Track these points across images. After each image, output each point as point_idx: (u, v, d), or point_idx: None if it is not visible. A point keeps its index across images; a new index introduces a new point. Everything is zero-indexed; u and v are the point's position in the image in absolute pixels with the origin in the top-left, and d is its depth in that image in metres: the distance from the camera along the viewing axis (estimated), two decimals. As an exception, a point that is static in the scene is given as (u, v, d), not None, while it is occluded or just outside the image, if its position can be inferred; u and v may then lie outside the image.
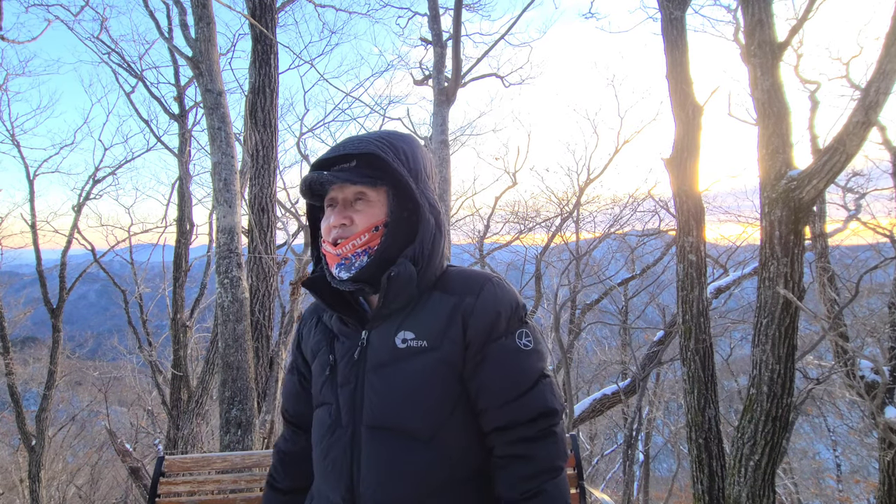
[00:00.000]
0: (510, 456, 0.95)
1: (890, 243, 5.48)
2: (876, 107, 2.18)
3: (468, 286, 0.98)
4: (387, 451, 0.93)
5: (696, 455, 3.35)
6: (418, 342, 0.95)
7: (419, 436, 0.93)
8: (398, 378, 0.94)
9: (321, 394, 1.03)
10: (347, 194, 0.98)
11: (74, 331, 19.33)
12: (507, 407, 0.95)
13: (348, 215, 0.97)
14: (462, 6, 4.77)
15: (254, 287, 4.60)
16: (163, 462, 1.99)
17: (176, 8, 4.32)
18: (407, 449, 0.93)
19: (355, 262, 0.96)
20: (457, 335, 0.95)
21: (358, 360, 0.98)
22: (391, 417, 0.93)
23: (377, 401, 0.95)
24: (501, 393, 0.95)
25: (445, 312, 0.96)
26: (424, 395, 0.93)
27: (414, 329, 0.95)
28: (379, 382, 0.95)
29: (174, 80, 9.20)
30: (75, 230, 10.46)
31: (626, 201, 10.00)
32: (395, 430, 0.93)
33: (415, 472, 0.92)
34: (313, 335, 1.10)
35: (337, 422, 0.98)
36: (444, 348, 0.94)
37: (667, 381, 11.70)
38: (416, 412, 0.93)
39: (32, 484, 8.99)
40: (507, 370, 0.96)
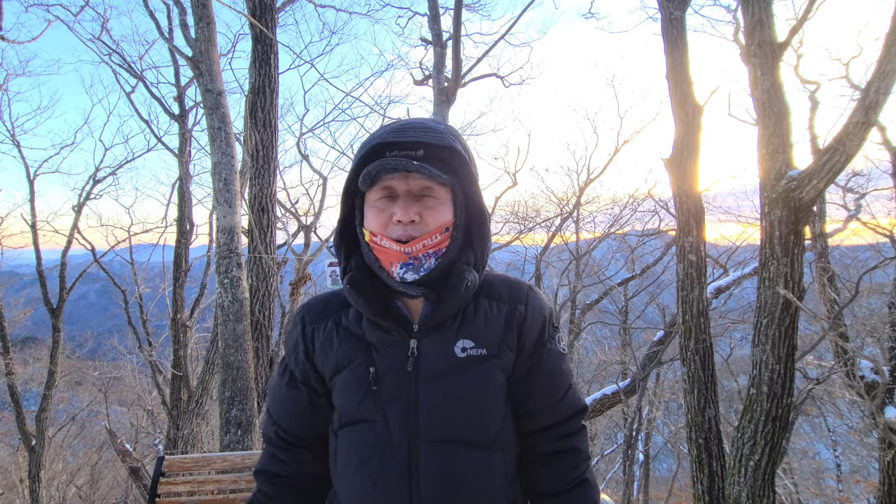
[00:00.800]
0: (555, 452, 0.99)
1: (890, 243, 5.48)
2: (876, 107, 2.18)
3: (515, 294, 0.98)
4: (449, 465, 0.89)
5: (696, 455, 3.36)
6: (478, 350, 0.92)
7: (480, 444, 0.92)
8: (459, 388, 0.91)
9: (358, 410, 0.93)
10: (413, 186, 0.88)
11: (74, 331, 19.33)
12: (555, 407, 0.99)
13: (418, 211, 0.87)
14: (462, 6, 4.77)
15: (254, 287, 4.60)
16: (163, 462, 1.99)
17: (176, 8, 4.32)
18: (469, 459, 0.91)
19: (424, 264, 0.88)
20: (512, 342, 0.95)
21: (411, 372, 0.91)
22: (453, 429, 0.90)
23: (437, 414, 0.90)
24: (550, 394, 0.99)
25: (501, 320, 0.95)
26: (487, 403, 0.93)
27: (473, 337, 0.93)
28: (438, 394, 0.90)
29: (174, 80, 9.21)
30: (75, 230, 10.47)
31: (626, 201, 10.01)
32: (457, 442, 0.90)
33: (477, 481, 0.91)
34: (336, 344, 0.96)
35: (387, 441, 0.90)
36: (503, 356, 0.94)
37: (667, 381, 11.70)
38: (478, 421, 0.92)
39: (32, 484, 8.99)
40: (554, 373, 0.99)
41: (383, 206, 0.89)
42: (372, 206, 0.90)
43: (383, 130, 0.90)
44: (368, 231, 0.90)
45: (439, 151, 0.88)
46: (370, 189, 0.89)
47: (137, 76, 8.85)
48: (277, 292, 4.97)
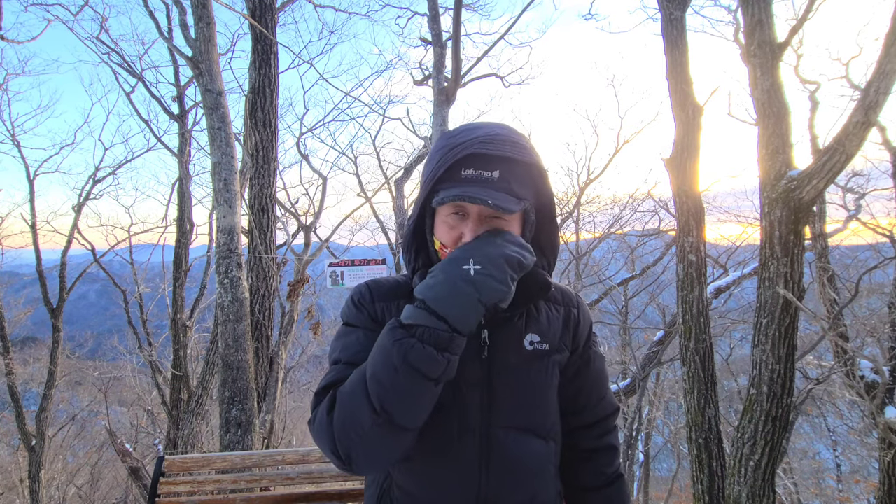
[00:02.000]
0: (597, 449, 1.09)
1: (889, 243, 5.47)
2: (876, 107, 2.18)
3: (569, 298, 1.08)
4: (517, 451, 0.95)
5: (696, 455, 3.35)
6: (543, 345, 0.99)
7: (540, 432, 0.98)
8: (527, 379, 0.97)
9: None
10: (484, 210, 0.89)
11: (74, 331, 19.32)
12: (599, 405, 1.09)
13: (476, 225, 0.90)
14: (462, 6, 4.77)
15: (254, 287, 4.60)
16: (163, 462, 1.99)
17: (176, 8, 4.32)
18: (533, 446, 0.97)
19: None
20: (568, 341, 1.04)
21: (485, 360, 0.95)
22: (522, 417, 0.96)
23: (508, 401, 0.95)
24: (595, 392, 1.08)
25: (561, 320, 1.04)
26: (548, 394, 1.00)
27: (539, 333, 1.00)
28: (509, 383, 0.95)
29: (174, 80, 9.21)
30: (75, 230, 10.46)
31: (626, 201, 10.02)
32: (524, 429, 0.96)
33: (538, 468, 0.98)
34: None
35: (463, 426, 0.93)
36: (561, 352, 1.03)
37: (667, 381, 11.70)
38: (541, 410, 0.99)
39: (32, 484, 8.99)
40: (600, 373, 1.09)
41: (454, 224, 0.91)
42: (443, 221, 0.92)
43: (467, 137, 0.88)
44: (439, 241, 0.94)
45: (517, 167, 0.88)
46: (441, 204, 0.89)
47: (137, 76, 8.85)
48: (277, 292, 4.97)
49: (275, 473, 2.04)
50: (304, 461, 2.09)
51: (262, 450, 3.94)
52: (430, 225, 0.96)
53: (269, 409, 4.61)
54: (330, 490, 2.03)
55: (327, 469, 2.09)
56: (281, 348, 4.86)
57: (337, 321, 14.60)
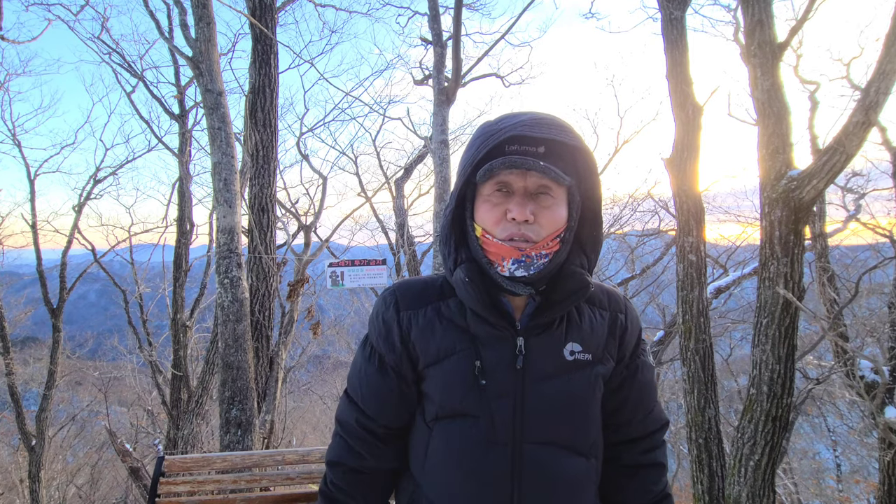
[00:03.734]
0: (642, 465, 0.99)
1: (889, 243, 5.47)
2: (876, 107, 2.17)
3: (615, 303, 0.98)
4: (553, 468, 0.89)
5: (696, 455, 3.35)
6: (585, 355, 0.91)
7: (580, 448, 0.91)
8: (566, 391, 0.90)
9: (461, 403, 0.89)
10: (530, 184, 0.84)
11: (74, 331, 19.32)
12: (646, 419, 1.00)
13: (533, 210, 0.84)
14: (462, 5, 4.77)
15: (254, 287, 4.60)
16: (163, 462, 1.99)
17: (176, 8, 4.32)
18: (569, 462, 0.90)
19: (536, 262, 0.85)
20: (613, 350, 0.95)
21: (520, 370, 0.89)
22: (558, 431, 0.90)
23: (544, 415, 0.89)
24: (642, 406, 0.99)
25: (605, 327, 0.95)
26: (590, 408, 0.92)
27: (581, 342, 0.92)
28: (546, 395, 0.89)
29: (174, 80, 9.21)
30: (76, 230, 10.46)
31: (626, 201, 10.01)
32: (560, 445, 0.90)
33: (576, 487, 0.91)
34: (437, 331, 0.92)
35: (491, 438, 0.88)
36: (605, 362, 0.94)
37: (667, 381, 11.69)
38: (581, 425, 0.92)
39: (32, 484, 8.99)
40: (647, 385, 0.99)
41: (498, 201, 0.86)
42: (486, 199, 0.87)
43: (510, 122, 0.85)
44: (481, 227, 0.87)
45: (561, 149, 0.85)
46: (485, 182, 0.86)
47: (137, 76, 8.85)
48: (277, 292, 4.98)
49: (275, 473, 2.04)
50: (304, 461, 2.09)
51: (262, 450, 3.94)
52: (470, 211, 0.90)
53: (269, 409, 4.61)
54: (330, 490, 2.02)
55: (327, 469, 2.09)
56: (281, 348, 4.87)
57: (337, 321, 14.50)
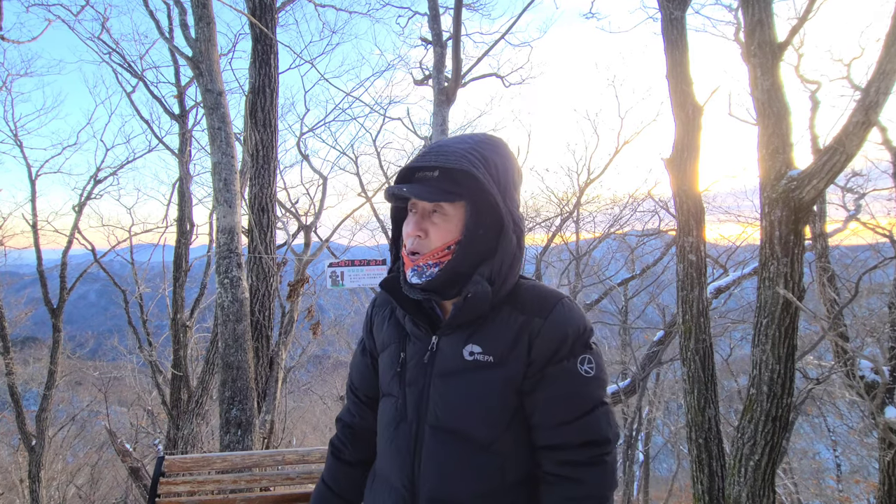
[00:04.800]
0: (557, 476, 0.98)
1: (889, 243, 5.47)
2: (876, 107, 2.17)
3: (539, 306, 0.99)
4: (446, 452, 0.99)
5: (696, 455, 3.35)
6: (485, 357, 0.98)
7: (478, 442, 0.98)
8: (463, 388, 0.99)
9: (388, 385, 1.09)
10: (426, 204, 1.01)
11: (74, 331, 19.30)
12: (561, 429, 0.97)
13: (424, 227, 1.00)
14: (462, 5, 4.77)
15: (254, 287, 4.60)
16: (163, 462, 1.99)
17: (176, 8, 4.32)
18: (465, 452, 0.98)
19: (427, 271, 0.99)
20: (521, 353, 0.97)
21: (427, 364, 1.03)
22: (453, 422, 0.99)
23: (442, 405, 1.00)
24: (556, 414, 0.98)
25: (514, 330, 0.98)
26: (487, 407, 0.98)
27: (482, 344, 0.98)
28: (444, 389, 1.00)
29: (175, 80, 9.20)
30: (76, 230, 10.46)
31: (626, 201, 10.01)
32: (457, 434, 0.98)
33: (471, 474, 0.98)
34: (385, 327, 1.14)
35: (402, 416, 1.04)
36: (509, 366, 0.97)
37: (667, 381, 11.70)
38: (477, 421, 0.98)
39: (32, 484, 8.99)
40: (565, 393, 0.97)
41: (408, 220, 1.04)
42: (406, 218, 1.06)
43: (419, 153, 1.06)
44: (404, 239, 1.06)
45: (452, 173, 0.98)
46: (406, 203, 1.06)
47: (138, 76, 8.85)
48: (277, 292, 4.97)
49: (275, 473, 2.04)
50: (304, 461, 2.09)
51: (262, 450, 3.94)
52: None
53: (269, 409, 4.61)
54: (330, 490, 2.02)
55: (327, 469, 2.08)
56: (281, 348, 4.86)
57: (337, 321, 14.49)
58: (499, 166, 0.99)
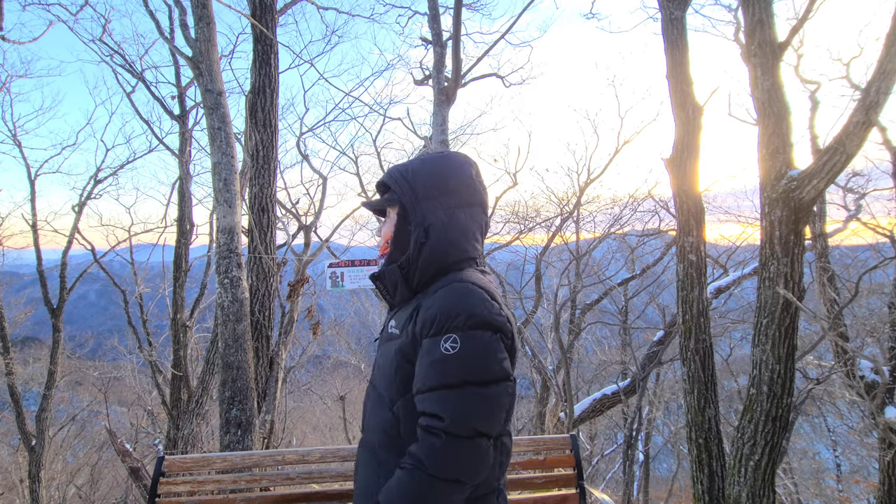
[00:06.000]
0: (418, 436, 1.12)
1: (890, 243, 5.47)
2: (876, 107, 2.17)
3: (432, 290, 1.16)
4: (372, 404, 1.25)
5: (696, 455, 3.35)
6: (395, 330, 1.21)
7: (384, 400, 1.20)
8: (382, 354, 1.25)
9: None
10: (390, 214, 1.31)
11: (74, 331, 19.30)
12: (419, 395, 1.08)
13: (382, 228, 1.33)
14: (462, 5, 4.77)
15: (254, 287, 4.60)
16: (163, 462, 1.99)
17: (176, 8, 4.32)
18: (377, 407, 1.22)
19: (380, 262, 1.30)
20: (412, 328, 1.14)
21: (380, 336, 1.31)
22: (376, 382, 1.25)
23: (375, 368, 1.28)
24: (419, 381, 1.09)
25: (409, 310, 1.19)
26: (390, 371, 1.18)
27: (396, 319, 1.23)
28: (377, 355, 1.29)
29: (175, 81, 9.20)
30: (76, 230, 10.45)
31: (626, 201, 9.98)
32: (376, 392, 1.24)
33: (380, 423, 1.20)
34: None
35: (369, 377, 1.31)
36: (403, 338, 1.16)
37: (667, 381, 11.69)
38: (385, 382, 1.20)
39: (32, 484, 8.99)
40: (425, 365, 1.08)
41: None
42: None
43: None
44: None
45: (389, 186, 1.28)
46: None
47: (138, 76, 8.84)
48: (277, 292, 4.97)
49: (275, 473, 2.04)
50: (304, 461, 2.09)
51: (262, 450, 3.94)
52: None
53: (269, 409, 4.61)
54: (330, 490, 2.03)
55: (327, 469, 2.09)
56: (281, 348, 4.86)
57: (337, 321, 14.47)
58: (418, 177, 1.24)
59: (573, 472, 2.11)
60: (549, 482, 2.13)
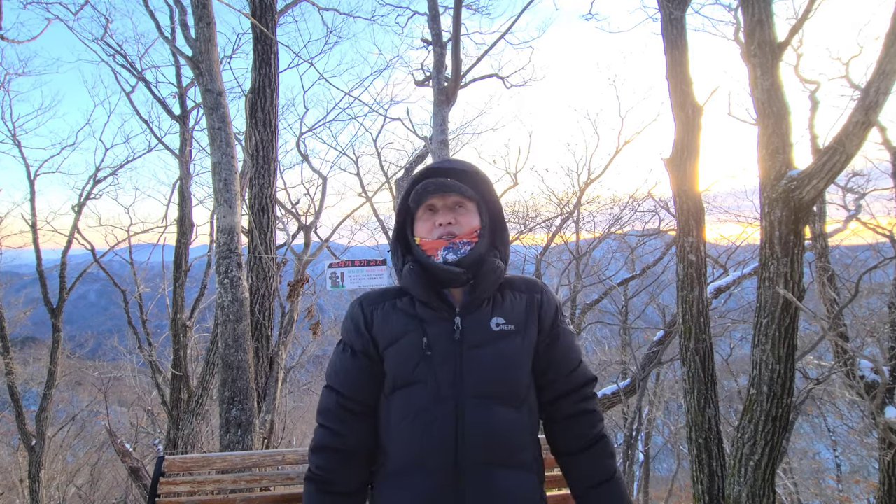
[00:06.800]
0: (578, 413, 1.22)
1: (889, 243, 5.47)
2: (876, 107, 2.17)
3: (532, 287, 1.25)
4: (489, 416, 1.11)
5: (696, 455, 3.35)
6: (508, 326, 1.17)
7: (513, 402, 1.14)
8: (494, 355, 1.14)
9: (412, 373, 1.14)
10: (448, 202, 1.20)
11: (74, 331, 19.31)
12: (572, 375, 1.23)
13: (455, 217, 1.20)
14: (462, 5, 4.77)
15: (254, 287, 4.60)
16: (163, 462, 1.99)
17: (177, 8, 4.32)
18: (503, 414, 1.12)
19: (461, 249, 1.17)
20: (534, 321, 1.20)
21: (458, 341, 1.14)
22: (490, 388, 1.12)
23: (477, 375, 1.12)
24: (568, 363, 1.23)
25: (524, 304, 1.21)
26: (518, 369, 1.16)
27: (504, 316, 1.18)
28: (478, 359, 1.13)
29: (175, 81, 9.20)
30: (75, 230, 10.46)
31: (626, 201, 9.99)
32: (496, 398, 1.12)
33: (510, 432, 1.13)
34: (392, 319, 1.19)
35: (437, 396, 1.11)
36: (529, 331, 1.19)
37: (667, 381, 11.70)
38: (512, 382, 1.14)
39: (32, 484, 8.99)
40: (569, 346, 1.24)
41: (428, 218, 1.21)
42: (420, 218, 1.22)
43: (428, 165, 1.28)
44: (419, 237, 1.21)
45: (464, 176, 1.23)
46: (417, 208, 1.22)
47: (138, 76, 8.85)
48: (277, 292, 4.97)
49: (275, 473, 2.04)
50: (304, 461, 2.08)
51: (262, 450, 3.94)
52: (411, 230, 1.24)
53: (269, 409, 4.61)
54: (330, 490, 2.02)
55: (327, 469, 2.08)
56: (281, 348, 4.86)
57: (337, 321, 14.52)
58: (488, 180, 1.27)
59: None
60: (549, 482, 2.13)
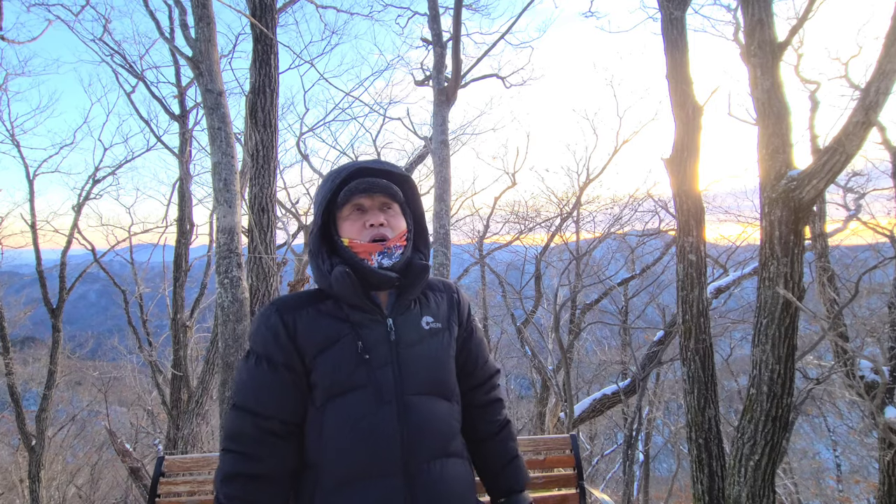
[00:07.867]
0: (488, 402, 1.32)
1: (889, 243, 5.47)
2: (876, 107, 2.17)
3: (449, 287, 1.33)
4: (429, 412, 1.14)
5: (696, 455, 3.35)
6: (436, 324, 1.22)
7: (444, 394, 1.19)
8: (428, 352, 1.18)
9: (350, 379, 1.10)
10: (377, 202, 1.19)
11: (74, 331, 19.30)
12: (485, 366, 1.33)
13: (386, 219, 1.19)
14: (462, 6, 4.77)
15: (254, 287, 4.59)
16: (163, 462, 1.99)
17: (176, 8, 4.32)
18: (439, 406, 1.17)
19: (395, 253, 1.17)
20: (454, 319, 1.27)
21: (393, 342, 1.15)
22: (429, 383, 1.16)
23: (417, 372, 1.15)
24: (481, 356, 1.33)
25: (446, 303, 1.28)
26: (446, 363, 1.21)
27: (432, 315, 1.23)
28: (416, 357, 1.16)
29: (175, 81, 9.20)
30: (75, 230, 10.45)
31: (626, 201, 10.00)
32: (433, 393, 1.17)
33: (447, 424, 1.18)
34: (318, 325, 1.13)
35: (379, 399, 1.10)
36: (452, 328, 1.26)
37: (667, 381, 11.69)
38: (442, 376, 1.20)
39: (32, 484, 8.99)
40: (481, 340, 1.35)
41: (357, 217, 1.19)
42: (347, 218, 1.19)
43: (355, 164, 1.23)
44: (347, 238, 1.18)
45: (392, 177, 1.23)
46: (343, 207, 1.19)
47: (138, 76, 8.85)
48: (277, 292, 4.97)
49: (275, 473, 2.04)
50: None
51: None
52: (335, 229, 1.20)
53: (269, 409, 4.60)
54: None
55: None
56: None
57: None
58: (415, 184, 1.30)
59: (573, 472, 2.11)
60: (549, 482, 2.13)
